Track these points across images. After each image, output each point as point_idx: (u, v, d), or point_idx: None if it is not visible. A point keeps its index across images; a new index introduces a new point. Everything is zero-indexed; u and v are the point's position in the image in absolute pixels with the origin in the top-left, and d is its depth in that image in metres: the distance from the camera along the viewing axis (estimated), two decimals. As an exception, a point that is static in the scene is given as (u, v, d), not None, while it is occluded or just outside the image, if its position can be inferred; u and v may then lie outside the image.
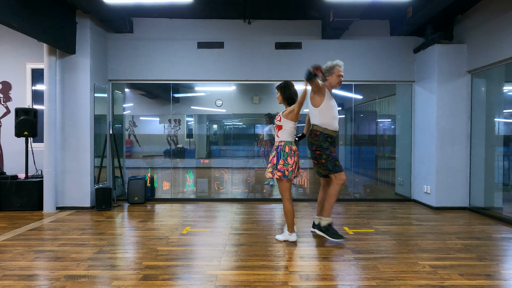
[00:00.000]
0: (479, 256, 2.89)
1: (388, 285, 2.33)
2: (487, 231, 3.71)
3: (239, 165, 5.97)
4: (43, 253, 2.97)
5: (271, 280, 2.40)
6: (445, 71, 4.77)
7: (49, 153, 4.58)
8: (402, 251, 3.03)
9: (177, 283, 2.36)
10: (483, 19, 4.41)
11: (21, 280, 2.39)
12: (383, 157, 6.17)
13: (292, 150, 3.19)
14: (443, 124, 4.79)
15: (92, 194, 4.80)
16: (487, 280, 2.42)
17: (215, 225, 3.95)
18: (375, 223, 4.03)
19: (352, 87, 5.50)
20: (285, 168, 3.14)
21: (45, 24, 4.05)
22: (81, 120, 4.73)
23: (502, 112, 4.46)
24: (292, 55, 5.30)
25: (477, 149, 4.68)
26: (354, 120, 5.97)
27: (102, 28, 5.07)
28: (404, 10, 4.77)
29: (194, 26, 5.30)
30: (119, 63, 5.27)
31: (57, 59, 4.66)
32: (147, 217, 4.34)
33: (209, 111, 6.27)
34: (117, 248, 3.11)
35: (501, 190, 4.49)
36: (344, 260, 2.79)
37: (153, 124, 6.40)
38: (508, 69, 4.22)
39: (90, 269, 2.59)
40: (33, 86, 5.26)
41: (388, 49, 5.31)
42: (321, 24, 5.29)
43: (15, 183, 4.64)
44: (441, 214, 4.51)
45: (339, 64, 3.33)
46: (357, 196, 5.66)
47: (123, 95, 5.77)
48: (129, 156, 6.05)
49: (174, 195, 5.56)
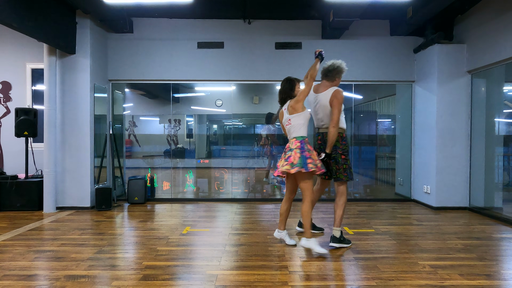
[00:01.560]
0: (479, 256, 2.89)
1: (388, 285, 2.33)
2: (487, 231, 3.71)
3: (239, 165, 5.96)
4: (43, 253, 2.97)
5: (271, 280, 2.40)
6: (445, 71, 4.77)
7: (49, 153, 4.58)
8: (402, 251, 3.03)
9: (177, 283, 2.36)
10: (483, 19, 4.41)
11: (21, 280, 2.39)
12: (383, 157, 6.17)
13: None
14: (443, 124, 4.79)
15: (92, 194, 4.80)
16: (487, 280, 2.42)
17: (215, 225, 3.95)
18: (375, 223, 4.03)
19: (352, 87, 5.49)
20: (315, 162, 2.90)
21: (45, 24, 4.04)
22: (81, 120, 4.73)
23: (502, 112, 4.46)
24: (292, 55, 5.29)
25: (477, 149, 4.68)
26: (354, 120, 5.96)
27: (102, 28, 5.07)
28: (404, 10, 4.77)
29: (194, 26, 5.30)
30: (119, 63, 5.27)
31: (57, 59, 4.66)
32: (147, 217, 4.34)
33: (209, 111, 6.26)
34: (117, 248, 3.10)
35: (501, 190, 4.49)
36: (344, 260, 2.79)
37: (153, 124, 6.40)
38: (508, 69, 4.22)
39: (90, 269, 2.59)
40: (33, 86, 5.26)
41: (388, 49, 5.31)
42: (321, 24, 5.29)
43: (15, 183, 4.64)
44: (441, 214, 4.51)
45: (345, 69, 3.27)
46: (357, 196, 5.66)
47: (123, 95, 5.77)
48: (129, 156, 6.05)
49: (174, 195, 5.56)
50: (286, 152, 3.00)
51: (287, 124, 3.02)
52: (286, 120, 3.03)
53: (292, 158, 2.90)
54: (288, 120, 3.01)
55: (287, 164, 2.91)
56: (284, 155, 3.00)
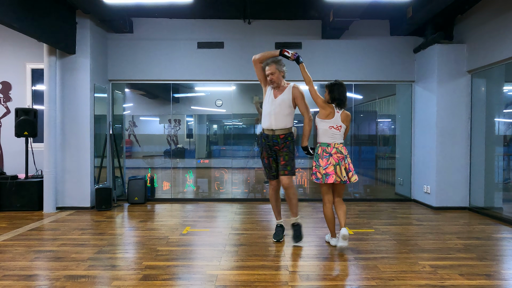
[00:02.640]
0: (479, 256, 2.89)
1: (388, 285, 2.33)
2: (487, 231, 3.71)
3: (239, 165, 5.96)
4: (43, 253, 2.97)
5: (271, 280, 2.40)
6: (445, 71, 4.77)
7: (49, 153, 4.58)
8: (402, 251, 3.03)
9: (177, 283, 2.36)
10: (483, 19, 4.41)
11: (21, 280, 2.39)
12: (383, 157, 6.17)
13: (327, 151, 2.98)
14: (443, 124, 4.79)
15: (92, 194, 4.80)
16: (487, 280, 2.42)
17: (215, 225, 3.95)
18: (375, 223, 4.03)
19: (352, 87, 5.50)
20: (317, 170, 3.00)
21: (45, 24, 4.04)
22: (81, 120, 4.73)
23: (502, 112, 4.46)
24: (292, 55, 5.29)
25: (477, 149, 4.68)
26: (354, 120, 5.97)
27: (102, 28, 5.07)
28: (404, 10, 4.77)
29: (194, 26, 5.30)
30: (119, 63, 5.27)
31: (57, 59, 4.66)
32: (147, 217, 4.34)
33: (209, 111, 6.27)
34: (117, 248, 3.11)
35: (501, 190, 4.49)
36: (344, 260, 2.79)
37: (153, 124, 6.40)
38: (508, 69, 4.22)
39: (90, 269, 2.59)
40: (33, 86, 5.26)
41: (388, 49, 5.30)
42: (321, 24, 5.29)
43: (15, 183, 4.63)
44: (441, 214, 4.51)
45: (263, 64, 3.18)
46: (357, 196, 5.66)
47: (123, 95, 5.77)
48: (129, 156, 6.05)
49: (174, 195, 5.56)
50: (340, 159, 2.95)
51: (336, 128, 3.00)
52: (336, 124, 3.01)
53: (351, 166, 3.02)
54: (338, 126, 3.01)
55: (351, 173, 2.99)
56: (341, 161, 2.95)
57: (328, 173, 2.93)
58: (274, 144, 3.16)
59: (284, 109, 3.12)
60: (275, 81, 3.12)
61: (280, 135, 3.12)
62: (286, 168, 3.12)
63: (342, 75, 5.29)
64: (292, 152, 3.17)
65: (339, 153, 2.96)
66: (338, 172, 2.93)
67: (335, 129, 3.00)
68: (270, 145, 3.18)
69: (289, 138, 3.16)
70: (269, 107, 3.16)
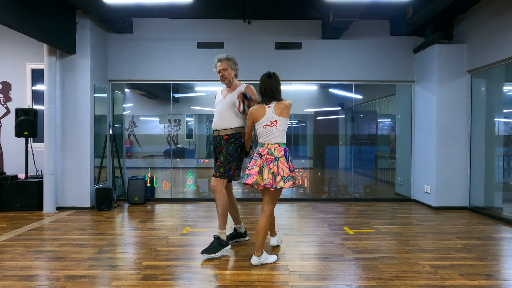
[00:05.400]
0: (479, 256, 2.89)
1: (388, 285, 2.33)
2: (487, 231, 3.71)
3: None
4: (43, 253, 2.97)
5: (271, 280, 2.40)
6: (445, 71, 4.77)
7: (49, 153, 4.58)
8: (402, 251, 3.03)
9: (177, 283, 2.36)
10: (483, 19, 4.41)
11: (21, 281, 2.39)
12: (383, 157, 6.17)
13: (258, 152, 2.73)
14: (443, 124, 4.79)
15: (92, 194, 4.80)
16: (487, 280, 2.42)
17: (215, 225, 3.94)
18: (375, 223, 4.03)
19: (352, 87, 5.50)
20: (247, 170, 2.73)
21: (45, 24, 4.04)
22: (81, 120, 4.73)
23: (502, 112, 4.46)
24: (292, 55, 5.29)
25: (477, 149, 4.68)
26: (354, 120, 5.97)
27: (102, 28, 5.07)
28: (404, 10, 4.77)
29: (194, 26, 5.30)
30: (119, 63, 5.27)
31: (57, 59, 4.66)
32: (147, 217, 4.34)
33: (209, 111, 6.26)
34: (117, 248, 3.10)
35: (501, 190, 4.49)
36: (344, 260, 2.79)
37: (153, 124, 6.40)
38: (508, 69, 4.22)
39: (90, 269, 2.59)
40: (33, 86, 5.26)
41: (388, 49, 5.31)
42: (321, 24, 5.29)
43: (15, 183, 4.63)
44: (441, 214, 4.51)
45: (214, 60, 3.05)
46: (357, 196, 5.66)
47: (123, 95, 5.77)
48: (129, 156, 6.05)
49: (174, 195, 5.56)
50: (268, 161, 2.62)
51: (270, 124, 2.67)
52: (269, 120, 2.68)
53: (281, 170, 2.61)
54: (273, 122, 2.67)
55: (279, 177, 2.59)
56: (270, 164, 2.62)
57: (250, 174, 2.66)
58: (217, 145, 3.06)
59: (230, 109, 2.99)
60: (227, 77, 3.02)
61: (224, 136, 2.98)
62: (218, 170, 2.90)
63: (342, 75, 5.30)
64: (230, 155, 2.91)
65: (270, 154, 2.64)
66: (262, 174, 2.63)
67: (269, 126, 2.67)
68: (215, 146, 3.10)
69: (233, 139, 2.97)
70: (217, 107, 3.06)
